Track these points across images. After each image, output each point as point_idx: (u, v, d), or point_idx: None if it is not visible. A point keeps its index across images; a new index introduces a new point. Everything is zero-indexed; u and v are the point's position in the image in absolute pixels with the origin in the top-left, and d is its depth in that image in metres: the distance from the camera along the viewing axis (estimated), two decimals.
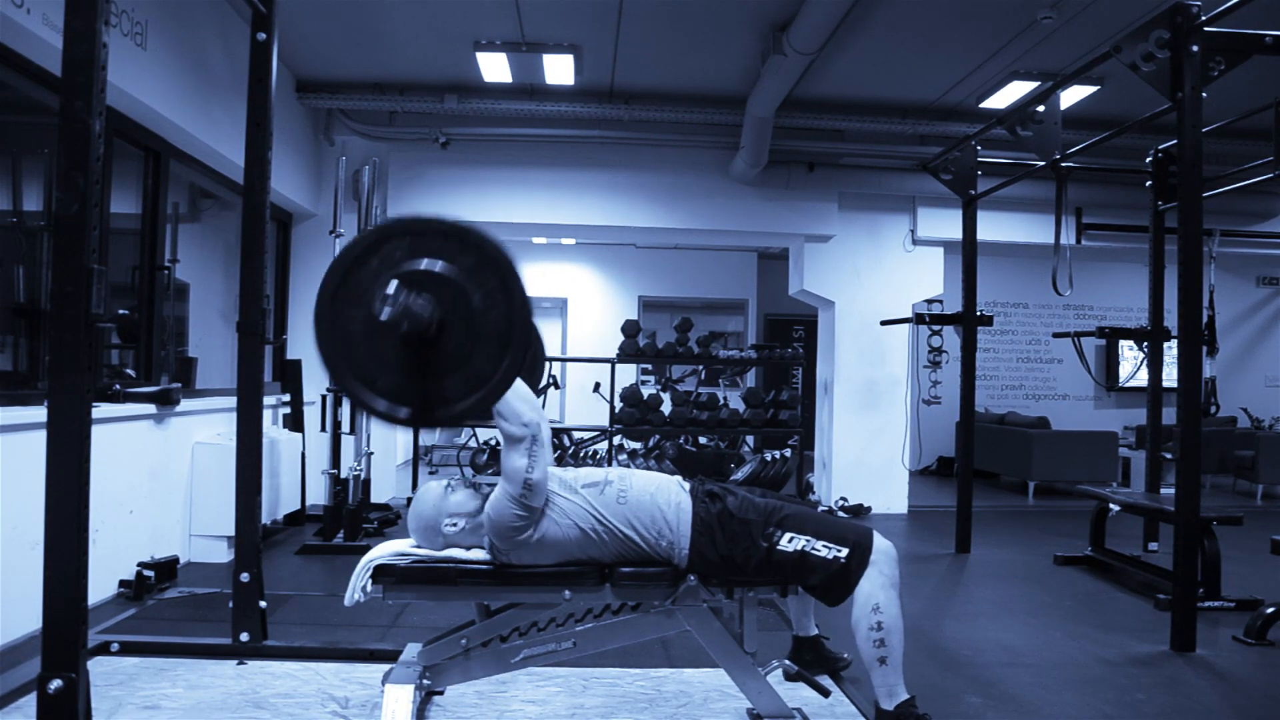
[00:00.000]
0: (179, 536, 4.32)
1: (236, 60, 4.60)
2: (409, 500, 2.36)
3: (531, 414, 2.14)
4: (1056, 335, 6.31)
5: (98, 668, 2.72)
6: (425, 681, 2.29)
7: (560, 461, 6.62)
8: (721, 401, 6.31)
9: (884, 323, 6.46)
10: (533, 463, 2.13)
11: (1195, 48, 3.34)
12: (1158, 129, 4.85)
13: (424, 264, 1.89)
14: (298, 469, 5.40)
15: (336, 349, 1.93)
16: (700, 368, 7.60)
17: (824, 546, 2.21)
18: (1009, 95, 5.78)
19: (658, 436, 6.63)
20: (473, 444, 7.59)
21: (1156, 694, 2.87)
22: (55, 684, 1.79)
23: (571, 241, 9.77)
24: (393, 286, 1.78)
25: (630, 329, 6.17)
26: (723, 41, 5.11)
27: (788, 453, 6.45)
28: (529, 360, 2.65)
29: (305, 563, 4.55)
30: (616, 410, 6.12)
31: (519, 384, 2.14)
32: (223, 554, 4.42)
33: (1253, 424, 9.03)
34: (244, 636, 2.88)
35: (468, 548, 2.30)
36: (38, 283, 3.47)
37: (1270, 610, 3.50)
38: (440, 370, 1.91)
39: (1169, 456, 4.66)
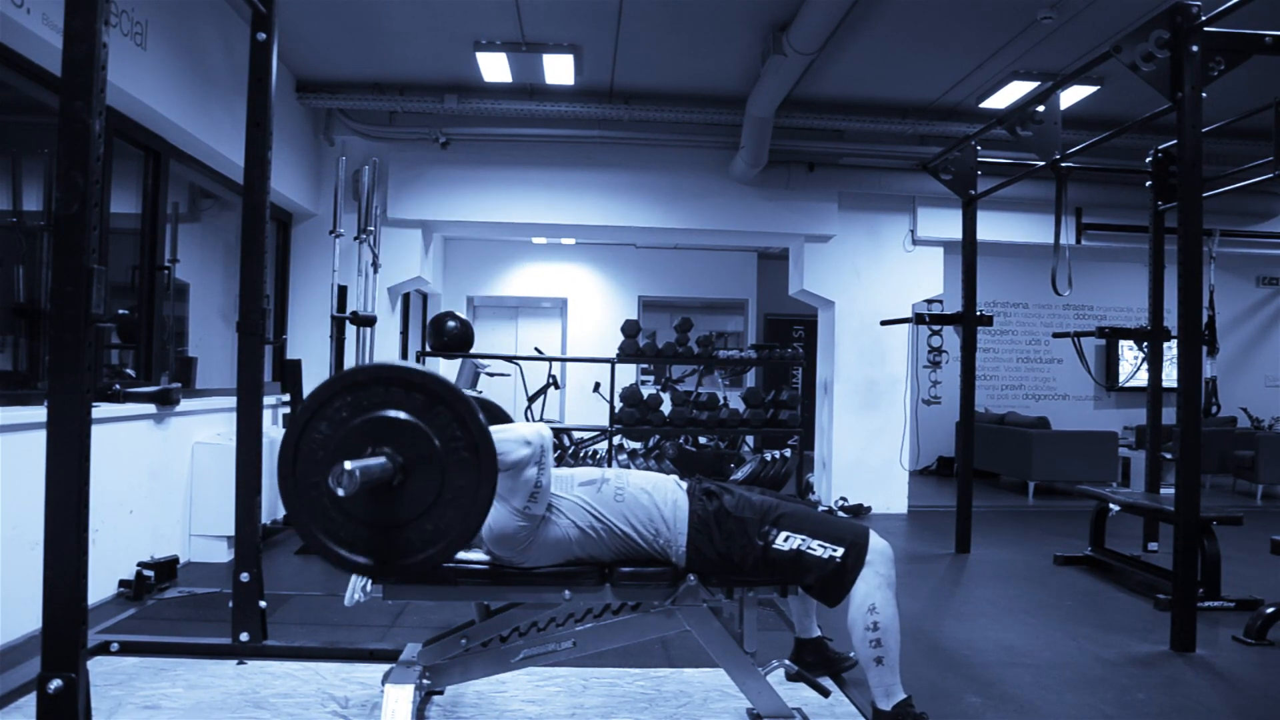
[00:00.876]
0: (179, 536, 4.33)
1: (236, 60, 4.60)
2: None
3: (531, 432, 2.15)
4: (1056, 335, 6.30)
5: (98, 668, 2.72)
6: (425, 681, 2.29)
7: (560, 461, 6.62)
8: (721, 401, 6.30)
9: (884, 323, 6.46)
10: (542, 473, 2.15)
11: (1195, 48, 3.34)
12: (1158, 129, 4.85)
13: (378, 414, 1.91)
14: None
15: (307, 514, 1.95)
16: (700, 367, 7.59)
17: (820, 546, 2.21)
18: (1009, 95, 5.78)
19: (658, 436, 6.63)
20: None
21: (1156, 694, 2.87)
22: (55, 684, 1.79)
23: (571, 241, 9.78)
24: (348, 464, 1.76)
25: (630, 329, 6.17)
26: (723, 41, 5.11)
27: (788, 453, 6.45)
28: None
29: (305, 563, 4.55)
30: (616, 410, 6.12)
31: (503, 427, 2.16)
32: (223, 554, 4.43)
33: (1253, 424, 9.03)
34: (244, 636, 2.88)
35: (467, 548, 2.30)
36: (38, 283, 3.47)
37: (1270, 610, 3.50)
38: (410, 515, 1.93)
39: (1169, 456, 4.66)
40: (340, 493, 1.74)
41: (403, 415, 1.91)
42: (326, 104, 5.99)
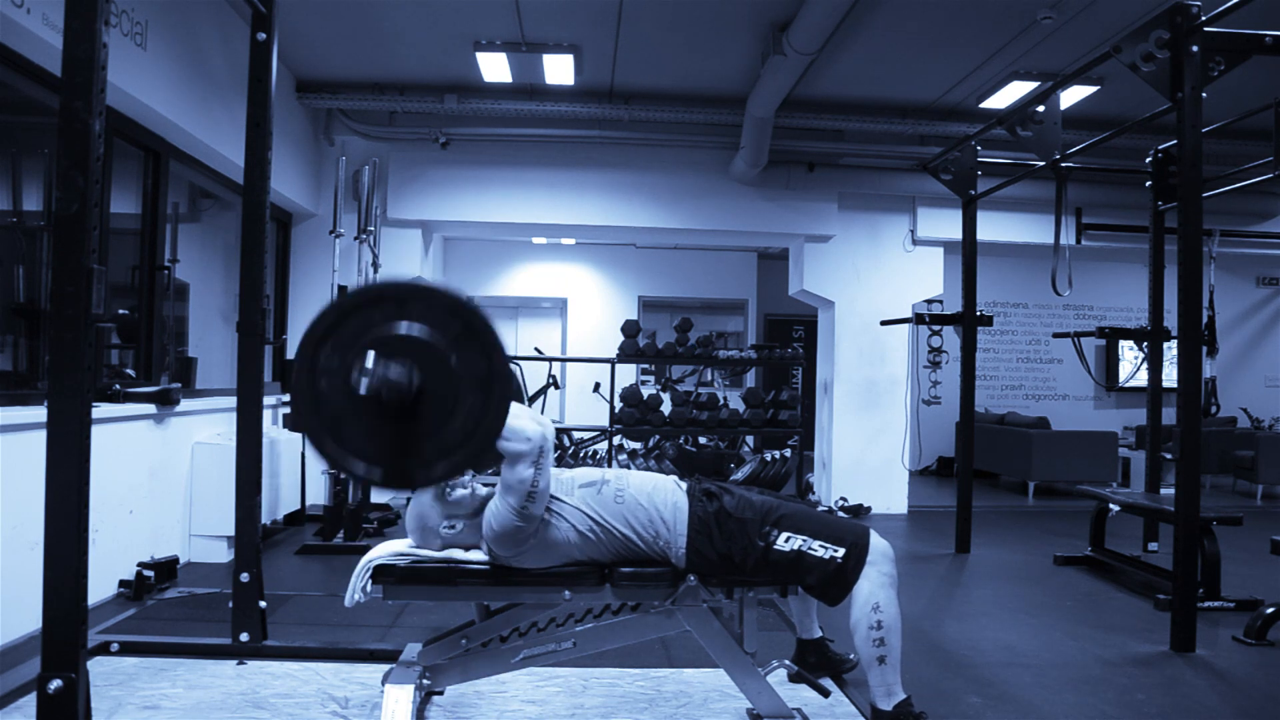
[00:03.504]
0: (179, 536, 4.32)
1: (236, 60, 4.60)
2: (408, 500, 2.36)
3: (535, 426, 2.10)
4: (1056, 335, 6.31)
5: (97, 668, 2.72)
6: (425, 681, 2.29)
7: (560, 461, 6.62)
8: (721, 401, 6.30)
9: (884, 323, 6.46)
10: (539, 474, 2.10)
11: (1195, 48, 3.33)
12: (1158, 129, 4.86)
13: (394, 329, 1.86)
14: (298, 469, 5.40)
15: (319, 419, 1.90)
16: (700, 367, 7.60)
17: (820, 546, 2.21)
18: (1009, 95, 5.78)
19: (658, 436, 6.63)
20: None
21: (1156, 694, 2.87)
22: (55, 684, 1.79)
23: (571, 241, 9.78)
24: (370, 358, 1.73)
25: (630, 329, 6.17)
26: (723, 41, 5.11)
27: (787, 453, 6.45)
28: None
29: (305, 563, 4.55)
30: (616, 410, 6.12)
31: (512, 405, 2.13)
32: (223, 554, 4.42)
33: (1253, 424, 9.03)
34: (244, 636, 2.88)
35: (467, 548, 2.29)
36: (38, 283, 3.47)
37: (1270, 610, 3.50)
38: (422, 431, 1.88)
39: (1169, 456, 4.66)
40: (363, 387, 1.71)
41: (420, 330, 1.86)
42: (326, 104, 5.99)
